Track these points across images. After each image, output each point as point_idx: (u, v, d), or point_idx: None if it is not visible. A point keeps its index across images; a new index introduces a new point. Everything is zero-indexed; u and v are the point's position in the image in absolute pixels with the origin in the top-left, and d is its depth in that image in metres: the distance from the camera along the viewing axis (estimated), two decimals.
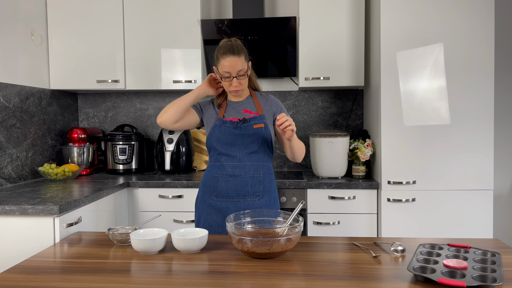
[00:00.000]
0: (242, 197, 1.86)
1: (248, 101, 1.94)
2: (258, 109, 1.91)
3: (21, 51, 2.63)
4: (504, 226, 3.14)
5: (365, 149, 2.63)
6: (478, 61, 2.43)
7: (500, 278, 1.13)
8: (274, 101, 1.96)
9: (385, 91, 2.47)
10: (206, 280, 1.22)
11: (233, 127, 1.85)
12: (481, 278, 1.15)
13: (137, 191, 2.64)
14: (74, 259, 1.43)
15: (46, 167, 2.57)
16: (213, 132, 1.88)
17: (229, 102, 1.94)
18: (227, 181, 1.86)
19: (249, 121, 1.86)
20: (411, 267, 1.21)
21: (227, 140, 1.86)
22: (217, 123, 1.88)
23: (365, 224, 2.54)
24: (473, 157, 2.44)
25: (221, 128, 1.86)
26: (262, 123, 1.87)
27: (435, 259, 1.28)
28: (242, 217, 1.56)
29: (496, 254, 1.35)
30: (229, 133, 1.85)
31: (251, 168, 1.87)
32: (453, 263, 1.23)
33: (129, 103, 3.28)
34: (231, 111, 1.91)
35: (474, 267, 1.22)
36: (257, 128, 1.85)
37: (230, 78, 1.79)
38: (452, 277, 1.16)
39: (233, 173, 1.86)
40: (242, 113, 1.90)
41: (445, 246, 1.42)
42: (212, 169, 1.91)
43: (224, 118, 1.89)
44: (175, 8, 2.84)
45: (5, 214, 1.81)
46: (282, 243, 1.35)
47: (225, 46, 1.79)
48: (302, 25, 2.77)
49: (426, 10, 2.43)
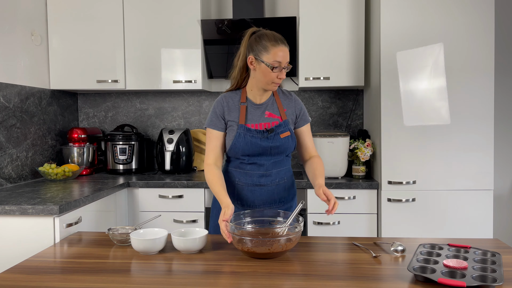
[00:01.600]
0: (268, 205, 1.78)
1: (270, 102, 1.79)
2: (282, 113, 1.77)
3: (21, 51, 2.63)
4: (504, 226, 3.14)
5: (365, 149, 2.63)
6: (478, 61, 2.42)
7: (500, 278, 1.13)
8: (297, 103, 1.83)
9: (385, 91, 2.47)
10: (206, 280, 1.22)
11: (260, 138, 1.71)
12: (481, 278, 1.15)
13: (137, 191, 2.64)
14: (74, 259, 1.43)
15: (46, 167, 2.57)
16: (236, 143, 1.71)
17: (249, 103, 1.77)
18: (253, 190, 1.77)
19: (276, 130, 1.72)
20: (411, 267, 1.21)
21: (253, 151, 1.73)
22: (240, 132, 1.71)
23: (365, 224, 2.54)
24: (473, 157, 2.44)
25: (246, 138, 1.71)
26: (287, 130, 1.74)
27: (435, 259, 1.29)
28: (242, 217, 1.56)
29: (496, 254, 1.35)
30: (255, 144, 1.71)
31: (277, 176, 1.78)
32: (453, 263, 1.23)
33: (129, 103, 3.28)
34: (253, 115, 1.75)
35: (474, 267, 1.22)
36: (284, 138, 1.73)
37: (279, 68, 1.65)
38: (452, 277, 1.16)
39: (259, 182, 1.76)
40: (266, 117, 1.75)
41: (445, 246, 1.42)
42: (235, 175, 1.79)
43: (247, 124, 1.73)
44: (175, 8, 2.84)
45: (5, 214, 1.81)
46: (282, 243, 1.35)
47: (274, 35, 1.67)
48: (302, 25, 2.77)
49: (426, 10, 2.43)
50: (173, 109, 3.25)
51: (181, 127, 3.24)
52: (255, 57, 1.67)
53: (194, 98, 3.23)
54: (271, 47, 1.64)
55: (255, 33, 1.71)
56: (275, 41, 1.64)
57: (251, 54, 1.69)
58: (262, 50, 1.65)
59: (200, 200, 2.60)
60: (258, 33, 1.70)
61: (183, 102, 3.24)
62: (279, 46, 1.64)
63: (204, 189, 2.59)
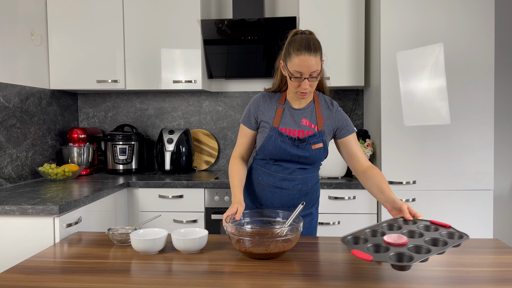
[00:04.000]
0: (287, 208, 1.75)
1: (309, 109, 1.71)
2: (319, 123, 1.68)
3: (21, 51, 2.63)
4: (504, 226, 3.13)
5: (365, 149, 2.63)
6: (478, 61, 2.42)
7: (424, 257, 1.09)
8: (339, 114, 1.72)
9: (385, 91, 2.47)
10: (206, 280, 1.22)
11: (290, 144, 1.66)
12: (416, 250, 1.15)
13: (137, 191, 2.64)
14: (74, 259, 1.43)
15: (46, 167, 2.57)
16: (266, 145, 1.67)
17: (287, 106, 1.70)
18: (274, 192, 1.74)
19: (309, 140, 1.66)
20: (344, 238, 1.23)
21: (281, 157, 1.69)
22: (272, 134, 1.66)
23: (365, 224, 2.54)
24: (473, 157, 2.44)
25: (276, 142, 1.66)
26: (321, 141, 1.67)
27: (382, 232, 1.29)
28: (242, 217, 1.56)
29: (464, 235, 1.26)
30: (284, 150, 1.66)
31: (300, 182, 1.74)
32: (392, 239, 1.22)
33: (129, 103, 3.28)
34: (288, 119, 1.69)
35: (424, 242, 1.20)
36: (315, 149, 1.67)
37: (300, 78, 1.55)
38: (376, 251, 1.16)
39: (281, 185, 1.73)
40: (301, 124, 1.68)
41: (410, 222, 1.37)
42: (259, 174, 1.77)
43: (280, 128, 1.67)
44: (175, 8, 2.84)
45: (5, 214, 1.81)
46: (280, 244, 1.35)
47: (301, 40, 1.55)
48: (302, 25, 2.76)
49: (426, 10, 2.43)
50: (173, 109, 3.25)
51: (181, 127, 3.24)
52: (284, 62, 1.61)
53: (194, 98, 3.23)
54: (294, 55, 1.54)
55: (292, 37, 1.61)
56: (298, 49, 1.53)
57: (282, 60, 1.62)
58: (288, 57, 1.57)
59: (200, 200, 2.60)
60: (294, 36, 1.60)
61: (183, 102, 3.24)
62: (301, 55, 1.52)
63: (204, 189, 2.59)
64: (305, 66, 1.52)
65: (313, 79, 1.56)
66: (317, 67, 1.54)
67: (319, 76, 1.57)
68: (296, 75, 1.55)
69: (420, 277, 1.23)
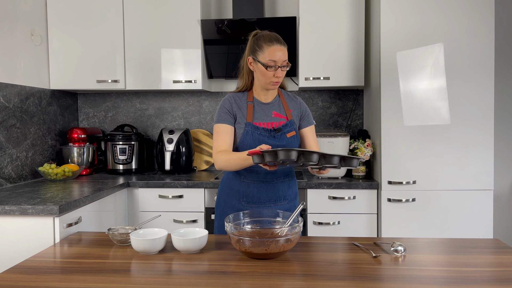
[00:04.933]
0: (273, 202, 1.81)
1: (276, 102, 1.84)
2: (287, 113, 1.82)
3: (21, 51, 2.63)
4: (504, 226, 3.14)
5: (365, 149, 2.63)
6: (478, 61, 2.42)
7: None
8: (302, 105, 1.88)
9: (385, 91, 2.47)
10: (206, 280, 1.22)
11: (267, 136, 1.75)
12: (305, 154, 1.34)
13: (137, 191, 2.64)
14: (74, 259, 1.43)
15: (46, 167, 2.57)
16: (244, 140, 1.75)
17: (256, 102, 1.81)
18: (259, 187, 1.80)
19: (283, 130, 1.77)
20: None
21: None
22: (247, 129, 1.75)
23: (365, 224, 2.54)
24: (473, 157, 2.44)
25: (253, 135, 1.75)
26: (293, 130, 1.80)
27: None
28: (242, 217, 1.55)
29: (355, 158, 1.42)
30: (263, 142, 1.74)
31: (282, 173, 1.82)
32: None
33: (129, 103, 3.28)
34: (260, 114, 1.80)
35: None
36: (290, 137, 1.78)
37: (275, 67, 1.68)
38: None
39: (265, 178, 1.80)
40: (273, 116, 1.80)
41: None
42: (241, 172, 1.81)
43: (254, 122, 1.77)
44: (175, 8, 2.84)
45: (5, 214, 1.81)
46: (280, 244, 1.35)
47: (269, 35, 1.72)
48: (302, 25, 2.77)
49: (426, 10, 2.43)
50: (173, 109, 3.25)
51: (181, 127, 3.24)
52: (253, 57, 1.73)
53: (194, 98, 3.24)
54: (266, 46, 1.69)
55: (256, 35, 1.76)
56: (269, 41, 1.69)
57: (250, 55, 1.75)
58: (258, 50, 1.71)
59: (200, 200, 2.60)
60: (257, 35, 1.76)
61: (183, 102, 3.24)
62: (274, 45, 1.69)
63: (204, 189, 2.59)
64: (278, 55, 1.68)
65: (284, 68, 1.71)
66: (286, 57, 1.71)
67: (288, 65, 1.71)
68: (271, 64, 1.68)
69: (420, 277, 1.23)
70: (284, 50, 1.70)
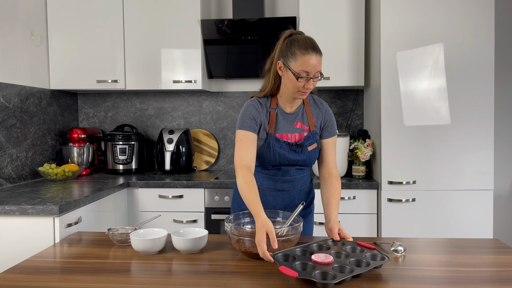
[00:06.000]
0: (289, 209, 1.74)
1: (300, 111, 1.70)
2: (310, 124, 1.70)
3: (21, 51, 2.63)
4: (504, 226, 3.14)
5: (365, 149, 2.63)
6: (478, 61, 2.42)
7: (345, 276, 1.16)
8: (328, 115, 1.74)
9: (385, 91, 2.47)
10: (206, 280, 1.22)
11: (287, 150, 1.66)
12: (340, 269, 1.20)
13: (137, 191, 2.64)
14: (74, 259, 1.43)
15: (46, 167, 2.57)
16: (264, 153, 1.66)
17: (279, 111, 1.68)
18: (275, 195, 1.74)
19: (305, 143, 1.67)
20: (275, 255, 1.27)
21: (280, 163, 1.69)
22: (269, 141, 1.65)
23: (365, 224, 2.54)
24: (473, 157, 2.44)
25: (274, 149, 1.65)
26: (315, 142, 1.69)
27: (311, 252, 1.33)
28: (242, 217, 1.55)
29: (386, 257, 1.29)
30: (282, 156, 1.66)
31: (300, 182, 1.76)
32: (319, 258, 1.26)
33: (129, 103, 3.28)
34: (282, 124, 1.68)
35: (350, 261, 1.26)
36: (312, 150, 1.69)
37: (306, 78, 1.53)
38: (304, 269, 1.22)
39: (282, 187, 1.73)
40: (295, 127, 1.69)
41: (339, 243, 1.44)
42: (258, 179, 1.72)
43: (276, 134, 1.66)
44: (175, 8, 2.84)
45: (5, 214, 1.81)
46: (280, 244, 1.35)
47: (305, 41, 1.54)
48: (302, 25, 2.76)
49: (426, 10, 2.43)
50: (173, 109, 3.25)
51: (181, 127, 3.24)
52: (284, 63, 1.57)
53: (194, 98, 3.24)
54: (300, 54, 1.52)
55: (290, 37, 1.60)
56: (304, 49, 1.52)
57: (280, 59, 1.58)
58: (291, 56, 1.54)
59: (200, 200, 2.60)
60: (292, 37, 1.59)
61: (183, 102, 3.24)
62: (309, 54, 1.51)
63: (204, 189, 2.59)
64: (312, 65, 1.52)
65: (316, 79, 1.55)
66: (320, 68, 1.55)
67: (321, 76, 1.56)
68: (302, 75, 1.52)
69: (420, 277, 1.23)
70: (319, 60, 1.53)
